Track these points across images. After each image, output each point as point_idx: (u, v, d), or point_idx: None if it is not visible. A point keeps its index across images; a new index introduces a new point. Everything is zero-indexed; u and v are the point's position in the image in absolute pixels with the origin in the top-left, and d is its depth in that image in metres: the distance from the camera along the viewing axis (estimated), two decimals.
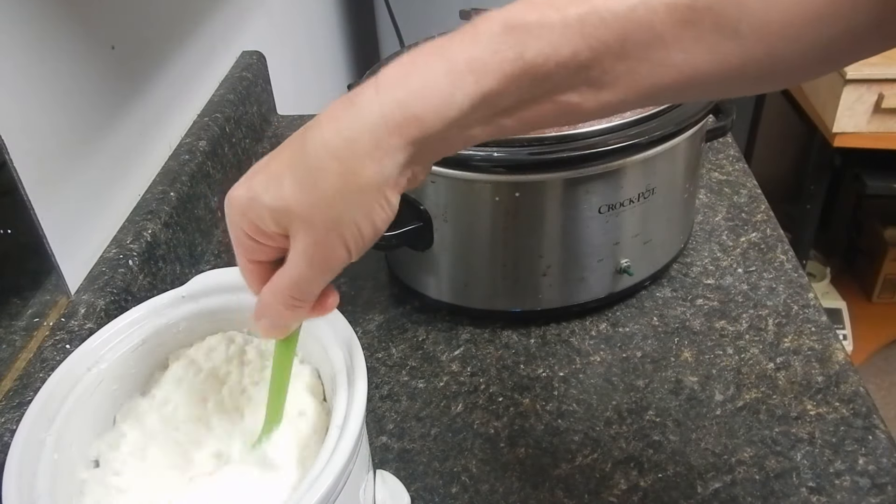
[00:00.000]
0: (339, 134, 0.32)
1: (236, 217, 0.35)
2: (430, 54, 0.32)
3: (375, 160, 0.32)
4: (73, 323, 0.53)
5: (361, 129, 0.32)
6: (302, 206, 0.33)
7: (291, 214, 0.33)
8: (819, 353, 0.61)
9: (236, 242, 0.36)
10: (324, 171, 0.32)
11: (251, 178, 0.35)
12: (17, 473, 0.36)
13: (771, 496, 0.51)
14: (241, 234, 0.35)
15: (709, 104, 0.62)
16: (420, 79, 0.32)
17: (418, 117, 0.32)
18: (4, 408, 0.46)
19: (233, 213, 0.35)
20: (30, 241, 0.52)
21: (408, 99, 0.32)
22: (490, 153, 0.57)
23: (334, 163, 0.32)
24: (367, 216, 0.34)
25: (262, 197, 0.34)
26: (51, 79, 0.54)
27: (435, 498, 0.52)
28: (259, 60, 0.93)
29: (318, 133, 0.33)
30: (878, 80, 1.38)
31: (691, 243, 0.74)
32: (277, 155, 0.35)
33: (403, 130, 0.32)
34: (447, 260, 0.65)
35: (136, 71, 0.67)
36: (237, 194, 0.35)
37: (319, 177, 0.33)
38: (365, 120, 0.32)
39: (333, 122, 0.33)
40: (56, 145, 0.55)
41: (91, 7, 0.60)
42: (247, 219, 0.35)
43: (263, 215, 0.34)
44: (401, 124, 0.32)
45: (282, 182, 0.33)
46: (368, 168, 0.32)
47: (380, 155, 0.32)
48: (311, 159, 0.33)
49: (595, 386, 0.60)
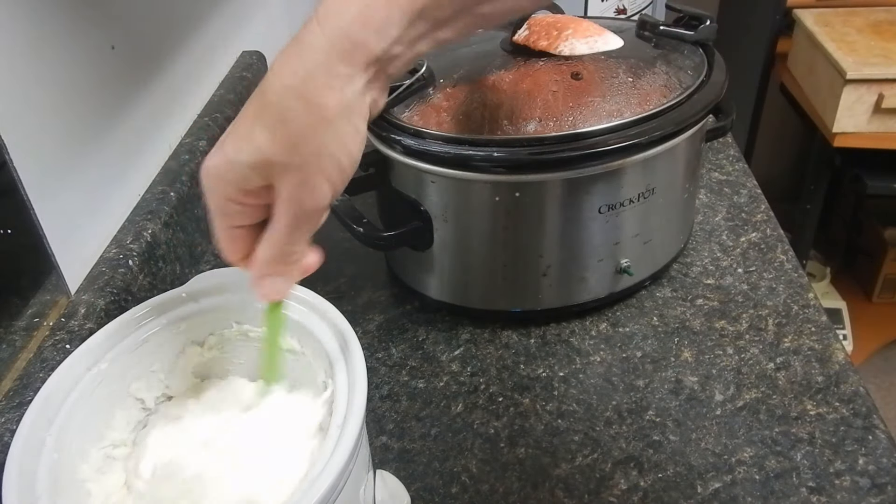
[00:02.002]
0: (296, 74, 0.34)
1: (216, 184, 0.36)
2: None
3: (336, 89, 0.34)
4: (73, 323, 0.53)
5: (314, 63, 0.34)
6: (279, 152, 0.34)
7: (271, 162, 0.34)
8: (819, 353, 0.61)
9: (218, 211, 0.37)
10: (290, 111, 0.34)
11: (221, 146, 0.36)
12: (17, 473, 0.36)
13: (771, 496, 0.51)
14: (223, 201, 0.36)
15: (709, 104, 0.62)
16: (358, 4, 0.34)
17: (363, 42, 0.34)
18: (4, 408, 0.46)
19: (212, 181, 0.36)
20: (30, 241, 0.52)
21: (350, 26, 0.34)
22: (490, 153, 0.57)
23: (298, 102, 0.34)
24: (341, 145, 0.35)
25: (238, 157, 0.35)
26: (51, 79, 0.54)
27: (435, 498, 0.52)
28: (259, 60, 0.93)
29: (275, 79, 0.34)
30: (878, 80, 1.38)
31: (691, 243, 0.74)
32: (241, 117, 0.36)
33: (353, 57, 0.34)
34: (447, 260, 0.65)
35: (136, 71, 0.67)
36: (212, 163, 0.36)
37: (288, 118, 0.34)
38: (316, 55, 0.34)
39: (287, 65, 0.34)
40: (56, 145, 0.55)
41: (91, 7, 0.60)
42: (227, 182, 0.35)
43: (245, 173, 0.35)
44: (349, 51, 0.34)
45: (253, 137, 0.34)
46: (330, 98, 0.34)
47: (339, 84, 0.34)
48: (274, 105, 0.34)
49: (595, 386, 0.60)
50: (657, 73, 0.64)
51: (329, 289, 0.73)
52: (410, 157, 0.60)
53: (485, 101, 0.61)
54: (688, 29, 0.68)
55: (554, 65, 0.64)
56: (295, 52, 0.34)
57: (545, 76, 0.62)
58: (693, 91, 0.62)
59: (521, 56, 0.65)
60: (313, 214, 0.37)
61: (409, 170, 0.61)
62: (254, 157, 0.34)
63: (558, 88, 0.61)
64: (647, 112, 0.59)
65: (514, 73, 0.63)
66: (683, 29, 0.68)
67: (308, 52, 0.34)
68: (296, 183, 0.35)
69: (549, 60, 0.64)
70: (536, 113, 0.59)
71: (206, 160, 0.36)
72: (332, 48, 0.33)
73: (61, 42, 0.56)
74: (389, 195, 0.64)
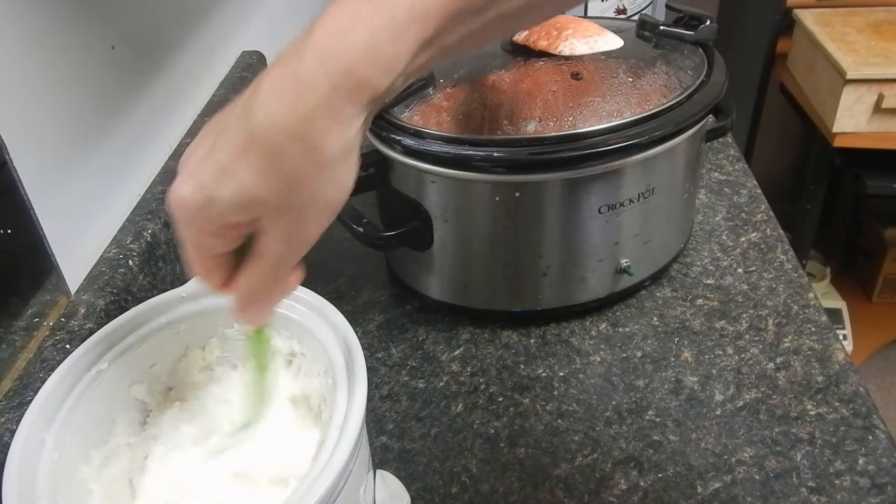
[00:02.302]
0: (293, 114, 0.31)
1: (192, 219, 0.33)
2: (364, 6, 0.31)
3: (335, 133, 0.31)
4: (73, 323, 0.53)
5: (315, 104, 0.31)
6: (270, 194, 0.32)
7: (260, 204, 0.32)
8: (819, 353, 0.61)
9: (193, 243, 0.34)
10: (285, 154, 0.31)
11: (196, 174, 0.32)
12: (17, 473, 0.36)
13: (771, 496, 0.51)
14: (199, 234, 0.34)
15: (709, 104, 0.62)
16: (362, 38, 0.31)
17: (369, 81, 0.31)
18: (4, 408, 0.46)
19: (186, 215, 0.33)
20: (30, 241, 0.52)
21: (355, 64, 0.31)
22: (490, 153, 0.57)
23: (294, 144, 0.31)
24: (338, 185, 0.33)
25: (219, 193, 0.32)
26: (51, 79, 0.54)
27: (435, 498, 0.52)
28: (259, 60, 0.93)
29: (266, 115, 0.31)
30: (878, 80, 1.38)
31: (691, 243, 0.74)
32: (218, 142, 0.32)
33: (357, 97, 0.31)
34: (447, 260, 0.65)
35: (136, 71, 0.67)
36: (186, 195, 0.32)
37: (282, 161, 0.31)
38: (317, 94, 0.30)
39: (281, 102, 0.31)
40: (56, 145, 0.55)
41: (91, 7, 0.60)
42: (206, 218, 0.33)
43: (226, 211, 0.32)
44: (354, 91, 0.31)
45: (238, 173, 0.31)
46: (330, 142, 0.31)
47: (339, 126, 0.31)
48: (266, 144, 0.31)
49: (595, 386, 0.60)
50: (657, 73, 0.64)
51: (329, 289, 0.73)
52: (410, 157, 0.60)
53: (485, 101, 0.61)
54: (688, 29, 0.68)
55: (554, 65, 0.64)
56: (290, 88, 0.31)
57: (545, 76, 0.62)
58: (693, 91, 0.62)
59: (521, 56, 0.65)
60: (302, 250, 0.35)
61: (409, 170, 0.61)
62: (240, 197, 0.32)
63: (558, 88, 0.61)
64: (647, 112, 0.59)
65: (514, 73, 0.63)
66: (683, 29, 0.68)
67: (307, 90, 0.30)
68: (286, 223, 0.33)
69: (549, 60, 0.64)
70: (536, 113, 0.59)
71: (178, 188, 0.33)
72: (334, 89, 0.30)
73: (61, 42, 0.56)
74: (389, 195, 0.64)
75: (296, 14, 1.15)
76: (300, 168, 0.31)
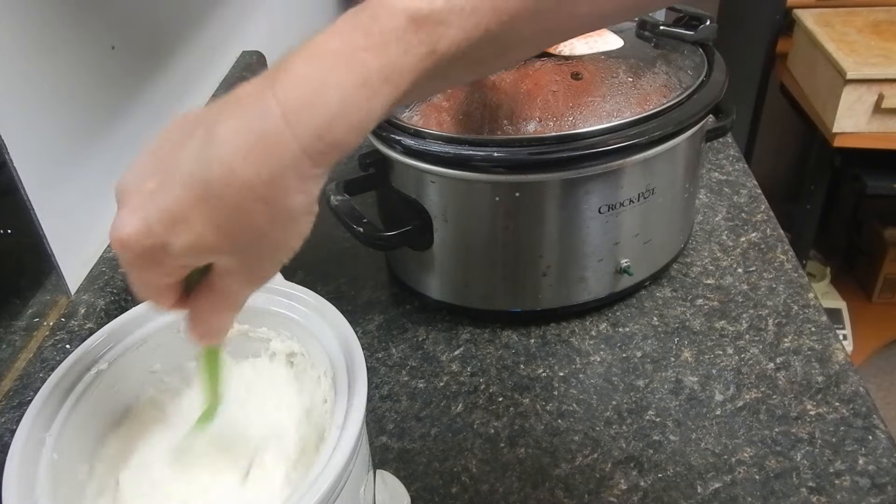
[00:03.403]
0: (258, 173, 0.29)
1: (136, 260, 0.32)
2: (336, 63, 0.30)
3: (303, 192, 0.31)
4: (73, 323, 0.53)
5: (282, 167, 0.29)
6: (230, 247, 0.31)
7: (216, 253, 0.32)
8: (819, 353, 0.61)
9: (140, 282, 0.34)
10: (248, 213, 0.30)
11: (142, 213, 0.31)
12: (17, 473, 0.36)
13: (771, 496, 0.51)
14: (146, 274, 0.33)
15: (709, 104, 0.62)
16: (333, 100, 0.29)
17: (339, 142, 0.30)
18: (4, 408, 0.46)
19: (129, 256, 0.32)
20: (30, 241, 0.52)
21: (326, 128, 0.29)
22: (490, 153, 0.57)
23: (259, 205, 0.30)
24: (299, 235, 0.33)
25: (171, 241, 0.31)
26: (51, 79, 0.54)
27: (435, 498, 0.52)
28: (259, 60, 0.93)
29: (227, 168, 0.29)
30: (878, 80, 1.38)
31: (691, 243, 0.74)
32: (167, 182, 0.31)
33: (327, 157, 0.30)
34: (447, 260, 0.65)
35: (136, 71, 0.67)
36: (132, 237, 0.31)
37: (245, 220, 0.30)
38: (284, 157, 0.29)
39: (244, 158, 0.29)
40: (56, 145, 0.55)
41: (91, 7, 0.60)
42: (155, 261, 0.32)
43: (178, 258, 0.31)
44: (323, 153, 0.30)
45: (192, 223, 0.30)
46: (297, 200, 0.31)
47: (307, 186, 0.31)
48: (226, 200, 0.30)
49: (595, 386, 0.60)
50: (657, 73, 0.64)
51: (329, 289, 0.73)
52: (410, 157, 0.60)
53: (485, 101, 0.61)
54: (688, 29, 0.68)
55: (554, 65, 0.64)
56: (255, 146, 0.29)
57: (545, 76, 0.62)
58: (693, 91, 0.62)
59: None
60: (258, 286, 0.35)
61: (409, 170, 0.61)
62: (196, 247, 0.31)
63: (558, 88, 0.61)
64: (647, 112, 0.59)
65: (514, 73, 0.63)
66: (683, 29, 0.68)
67: (274, 151, 0.29)
68: (245, 269, 0.33)
69: (549, 60, 0.64)
70: (536, 113, 0.59)
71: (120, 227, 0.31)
72: (303, 151, 0.29)
73: (61, 42, 0.56)
74: (389, 195, 0.64)
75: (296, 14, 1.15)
76: (262, 225, 0.31)
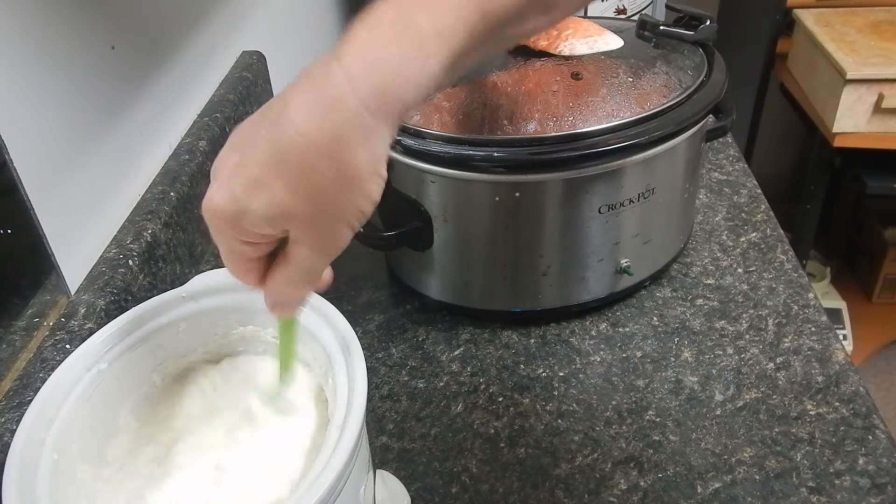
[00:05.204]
0: (323, 131, 0.31)
1: (226, 228, 0.34)
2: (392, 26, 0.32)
3: (367, 148, 0.32)
4: (73, 323, 0.53)
5: (345, 123, 0.31)
6: (302, 208, 0.33)
7: (292, 217, 0.33)
8: (819, 353, 0.61)
9: (228, 250, 0.35)
10: (316, 170, 0.32)
11: (227, 183, 0.33)
12: (17, 473, 0.36)
13: (771, 496, 0.51)
14: (234, 243, 0.35)
15: (709, 104, 0.62)
16: (391, 58, 0.32)
17: (400, 98, 0.32)
18: (4, 408, 0.46)
19: (220, 223, 0.34)
20: (30, 241, 0.52)
21: (385, 83, 0.31)
22: (490, 153, 0.57)
23: (325, 161, 0.32)
24: (367, 196, 0.34)
25: (251, 206, 0.32)
26: (51, 79, 0.54)
27: (435, 498, 0.52)
28: (259, 60, 0.93)
29: (295, 130, 0.31)
30: (878, 80, 1.38)
31: (691, 243, 0.74)
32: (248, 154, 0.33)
33: (388, 114, 0.32)
34: (447, 260, 0.65)
35: (136, 71, 0.67)
36: (219, 204, 0.33)
37: (313, 177, 0.32)
38: (348, 113, 0.31)
39: (310, 118, 0.31)
40: (56, 145, 0.55)
41: (91, 7, 0.60)
42: (239, 228, 0.34)
43: (258, 223, 0.33)
44: (384, 109, 0.32)
45: (269, 187, 0.32)
46: (361, 157, 0.32)
47: (370, 142, 0.32)
48: (296, 161, 0.32)
49: (595, 386, 0.60)
50: (657, 73, 0.64)
51: (329, 289, 0.72)
52: (410, 157, 0.60)
53: (485, 101, 0.61)
54: (688, 29, 0.68)
55: (554, 65, 0.64)
56: (320, 106, 0.31)
57: (545, 76, 0.62)
58: (693, 91, 0.62)
59: (521, 56, 0.65)
60: (331, 257, 0.36)
61: (409, 170, 0.61)
62: (272, 210, 0.32)
63: (558, 88, 0.61)
64: (647, 112, 0.59)
65: (514, 73, 0.63)
66: (683, 29, 0.68)
67: (336, 106, 0.31)
68: (317, 235, 0.34)
69: (549, 60, 0.64)
70: (536, 113, 0.59)
71: (211, 196, 0.34)
72: (364, 105, 0.31)
73: (61, 42, 0.56)
74: (389, 195, 0.64)
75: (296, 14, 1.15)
76: (330, 183, 0.32)
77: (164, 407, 0.45)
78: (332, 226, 0.34)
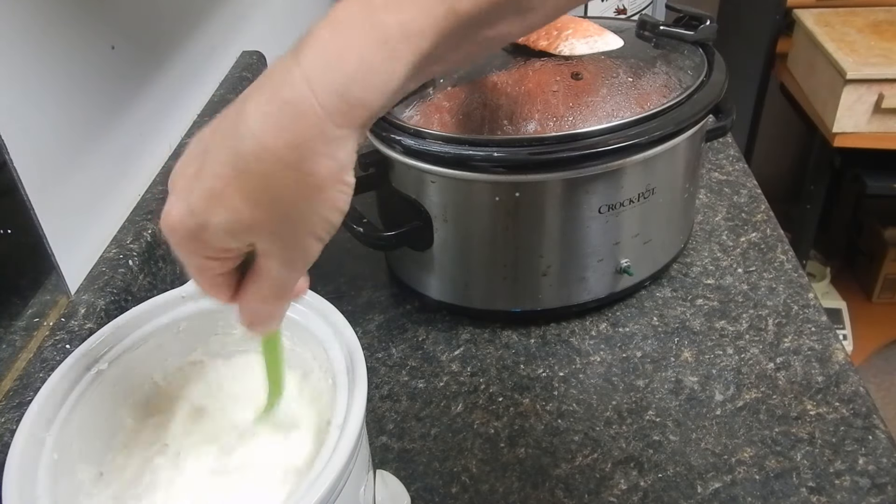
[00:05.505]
0: (283, 139, 0.29)
1: (185, 243, 0.32)
2: (356, 26, 0.30)
3: (328, 156, 0.30)
4: (73, 323, 0.53)
5: (305, 130, 0.29)
6: (264, 221, 0.31)
7: (255, 231, 0.32)
8: (819, 353, 0.61)
9: (194, 267, 0.34)
10: (276, 180, 0.30)
11: (185, 196, 0.32)
12: (17, 473, 0.36)
13: (771, 496, 0.51)
14: (197, 259, 0.33)
15: (709, 104, 0.62)
16: (354, 58, 0.30)
17: (363, 103, 0.30)
18: (4, 408, 0.46)
19: (179, 239, 0.32)
20: (30, 241, 0.52)
21: (348, 86, 0.29)
22: (490, 153, 0.57)
23: (286, 171, 0.30)
24: (332, 207, 0.32)
25: (211, 220, 0.31)
26: (51, 79, 0.54)
27: (435, 498, 0.52)
28: (259, 60, 0.93)
29: (254, 139, 0.30)
30: (878, 80, 1.38)
31: (691, 243, 0.74)
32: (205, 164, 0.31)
33: (350, 119, 0.30)
34: (447, 260, 0.65)
35: (136, 71, 0.67)
36: (177, 220, 0.32)
37: (274, 188, 0.30)
38: (307, 119, 0.29)
39: (268, 126, 0.30)
40: (56, 145, 0.55)
41: (91, 7, 0.60)
42: (201, 243, 0.32)
43: (220, 237, 0.32)
44: (347, 114, 0.30)
45: (228, 199, 0.30)
46: (323, 166, 0.30)
47: (332, 149, 0.30)
48: (257, 173, 0.30)
49: (595, 386, 0.60)
50: (657, 73, 0.64)
51: (329, 289, 0.73)
52: (410, 157, 0.60)
53: (485, 101, 0.61)
54: (688, 29, 0.68)
55: (554, 65, 0.64)
56: (276, 109, 0.30)
57: (545, 76, 0.62)
58: (693, 91, 0.62)
59: (521, 56, 0.65)
60: (303, 268, 0.34)
61: (409, 170, 0.61)
62: (232, 224, 0.31)
63: (558, 88, 0.61)
64: (647, 112, 0.59)
65: (514, 73, 0.63)
66: (683, 29, 0.68)
67: (297, 114, 0.29)
68: (284, 247, 0.32)
69: (549, 60, 0.64)
70: (536, 113, 0.59)
71: (168, 212, 0.32)
72: (326, 113, 0.29)
73: (61, 42, 0.56)
74: (389, 195, 0.64)
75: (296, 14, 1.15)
76: (292, 194, 0.31)
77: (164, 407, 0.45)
78: (299, 238, 0.32)
